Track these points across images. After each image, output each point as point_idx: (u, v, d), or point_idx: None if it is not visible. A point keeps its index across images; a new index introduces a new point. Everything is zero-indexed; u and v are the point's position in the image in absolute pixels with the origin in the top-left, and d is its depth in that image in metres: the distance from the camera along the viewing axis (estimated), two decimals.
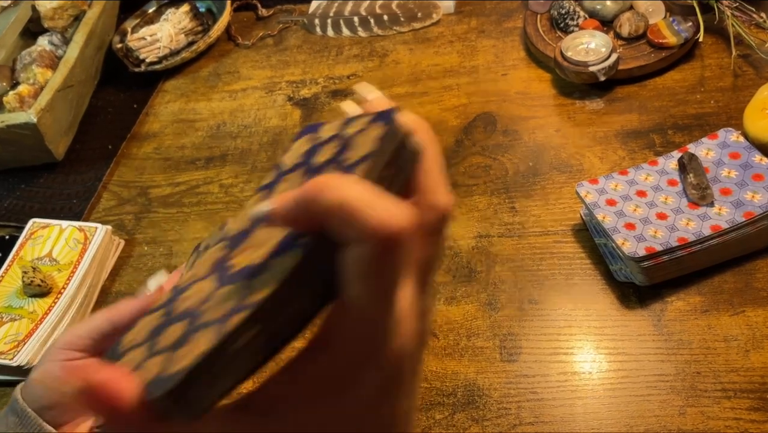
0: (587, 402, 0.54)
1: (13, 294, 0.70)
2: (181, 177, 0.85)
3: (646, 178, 0.64)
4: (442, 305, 0.64)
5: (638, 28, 0.80)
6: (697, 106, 0.75)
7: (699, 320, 0.57)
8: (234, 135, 0.89)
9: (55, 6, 1.02)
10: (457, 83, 0.87)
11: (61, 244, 0.74)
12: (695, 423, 0.51)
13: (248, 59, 1.01)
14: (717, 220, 0.58)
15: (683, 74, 0.79)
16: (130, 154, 0.90)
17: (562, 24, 0.86)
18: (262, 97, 0.94)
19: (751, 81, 0.76)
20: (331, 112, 0.88)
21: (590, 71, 0.77)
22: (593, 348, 0.58)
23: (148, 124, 0.94)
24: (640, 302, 0.60)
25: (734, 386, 0.53)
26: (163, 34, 1.01)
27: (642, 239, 0.58)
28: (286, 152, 0.30)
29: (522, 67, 0.86)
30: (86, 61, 0.97)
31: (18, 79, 0.96)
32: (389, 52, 0.95)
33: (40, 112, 0.85)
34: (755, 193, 0.59)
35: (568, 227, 0.67)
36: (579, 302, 0.61)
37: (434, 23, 0.97)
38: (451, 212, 0.27)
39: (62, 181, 0.88)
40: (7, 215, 0.85)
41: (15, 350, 0.64)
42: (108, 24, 1.05)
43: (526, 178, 0.73)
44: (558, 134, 0.76)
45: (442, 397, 0.57)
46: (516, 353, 0.59)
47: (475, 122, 0.81)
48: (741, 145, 0.63)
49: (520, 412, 0.55)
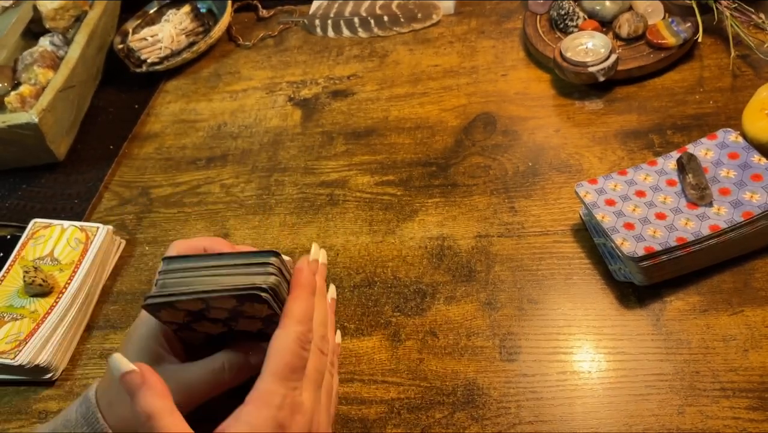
0: (586, 401, 0.55)
1: (14, 294, 0.70)
2: (182, 177, 0.85)
3: (645, 179, 0.64)
4: (442, 304, 0.64)
5: (637, 29, 0.81)
6: (696, 107, 0.75)
7: (698, 319, 0.57)
8: (235, 135, 0.89)
9: (56, 6, 1.02)
10: (456, 84, 0.87)
11: (63, 244, 0.74)
12: (694, 422, 0.52)
13: (249, 60, 1.01)
14: (716, 220, 0.58)
15: (682, 75, 0.79)
16: (131, 155, 0.91)
17: (561, 25, 0.86)
18: (262, 97, 0.94)
19: (749, 81, 0.76)
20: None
21: (589, 72, 0.77)
22: (592, 348, 0.58)
23: (150, 125, 0.95)
24: (639, 302, 0.60)
25: (733, 386, 0.53)
26: (165, 35, 1.01)
27: (641, 239, 0.58)
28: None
29: (521, 68, 0.87)
30: (87, 61, 0.97)
31: (19, 79, 0.96)
32: (389, 52, 0.95)
33: (41, 113, 0.85)
34: (754, 194, 0.59)
35: (568, 226, 0.67)
36: (578, 301, 0.61)
37: (434, 24, 0.98)
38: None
39: (63, 182, 0.89)
40: (9, 215, 0.86)
41: (16, 350, 0.65)
42: (109, 25, 1.06)
43: (526, 178, 0.73)
44: (557, 135, 0.77)
45: (442, 396, 0.57)
46: (515, 352, 0.59)
47: (475, 122, 0.81)
48: (740, 146, 0.63)
49: (520, 411, 0.55)
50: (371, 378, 0.60)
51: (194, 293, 0.46)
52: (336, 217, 0.75)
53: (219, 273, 0.47)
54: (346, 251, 0.71)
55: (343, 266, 0.70)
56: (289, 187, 0.80)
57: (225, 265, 0.47)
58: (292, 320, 0.45)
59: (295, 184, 0.80)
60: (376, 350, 0.62)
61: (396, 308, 0.65)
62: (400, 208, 0.74)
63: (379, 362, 0.61)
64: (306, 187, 0.79)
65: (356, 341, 0.63)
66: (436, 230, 0.70)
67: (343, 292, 0.67)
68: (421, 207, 0.73)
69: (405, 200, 0.74)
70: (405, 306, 0.65)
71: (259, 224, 0.77)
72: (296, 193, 0.79)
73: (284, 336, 0.44)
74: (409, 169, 0.78)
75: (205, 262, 0.48)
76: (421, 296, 0.65)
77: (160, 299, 0.46)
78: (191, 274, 0.47)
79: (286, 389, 0.42)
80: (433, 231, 0.70)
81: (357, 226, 0.73)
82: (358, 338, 0.63)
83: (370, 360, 0.61)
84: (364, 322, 0.64)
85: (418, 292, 0.65)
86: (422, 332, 0.62)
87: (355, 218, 0.74)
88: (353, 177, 0.79)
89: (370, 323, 0.64)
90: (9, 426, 0.64)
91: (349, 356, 0.62)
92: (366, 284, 0.67)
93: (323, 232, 0.74)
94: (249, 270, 0.47)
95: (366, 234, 0.72)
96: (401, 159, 0.79)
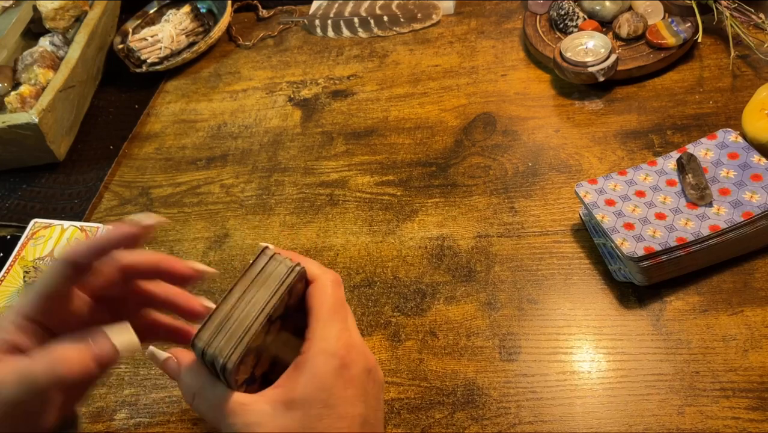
0: (586, 401, 0.55)
1: (14, 294, 0.70)
2: (182, 177, 0.85)
3: (645, 179, 0.64)
4: (442, 304, 0.64)
5: (637, 29, 0.81)
6: (696, 107, 0.75)
7: (698, 319, 0.58)
8: (235, 135, 0.89)
9: (56, 7, 1.02)
10: (456, 84, 0.87)
11: (63, 244, 0.74)
12: (694, 422, 0.52)
13: (249, 60, 1.01)
14: (715, 220, 0.58)
15: (682, 75, 0.79)
16: (131, 155, 0.91)
17: (561, 25, 0.86)
18: (262, 97, 0.94)
19: (749, 81, 0.76)
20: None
21: (589, 72, 0.77)
22: (592, 348, 0.58)
23: (150, 125, 0.95)
24: (639, 302, 0.60)
25: (733, 386, 0.53)
26: (165, 35, 1.01)
27: (641, 239, 0.58)
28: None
29: (521, 68, 0.87)
30: (87, 61, 0.97)
31: (19, 79, 0.96)
32: (389, 52, 0.95)
33: (41, 113, 0.85)
34: (754, 194, 0.59)
35: (567, 227, 0.67)
36: (578, 301, 0.61)
37: (434, 24, 0.98)
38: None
39: (64, 182, 0.89)
40: (9, 215, 0.86)
41: None
42: (109, 25, 1.06)
43: (526, 178, 0.73)
44: (557, 135, 0.77)
45: (442, 396, 0.57)
46: (515, 352, 0.59)
47: (475, 123, 0.81)
48: (739, 146, 0.63)
49: (520, 411, 0.55)
50: None
51: (255, 317, 0.40)
52: (336, 217, 0.75)
53: (248, 299, 0.41)
54: (346, 251, 0.71)
55: (343, 266, 0.70)
56: (289, 188, 0.80)
57: (241, 292, 0.41)
58: (322, 268, 0.45)
59: (295, 185, 0.80)
60: (376, 350, 0.62)
61: (396, 308, 0.65)
62: (400, 208, 0.74)
63: (378, 362, 0.61)
64: (306, 188, 0.79)
65: None
66: (436, 230, 0.71)
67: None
68: (421, 207, 0.73)
69: (405, 200, 0.74)
70: (405, 306, 0.65)
71: (259, 224, 0.77)
72: (296, 193, 0.79)
73: (323, 279, 0.44)
74: (409, 170, 0.78)
75: (225, 306, 0.41)
76: (421, 296, 0.65)
77: (237, 351, 0.39)
78: (228, 325, 0.40)
79: (339, 330, 0.42)
80: (433, 231, 0.70)
81: (357, 226, 0.73)
82: None
83: None
84: (364, 322, 0.64)
85: (418, 292, 0.65)
86: (422, 332, 0.62)
87: (355, 218, 0.74)
88: (353, 177, 0.79)
89: (370, 323, 0.64)
90: None
91: None
92: (366, 284, 0.67)
93: (323, 232, 0.74)
94: (262, 274, 0.42)
95: (366, 234, 0.72)
96: (401, 159, 0.79)
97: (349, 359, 0.41)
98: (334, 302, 0.43)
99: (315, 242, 0.73)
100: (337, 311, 0.43)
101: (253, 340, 0.39)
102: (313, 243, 0.73)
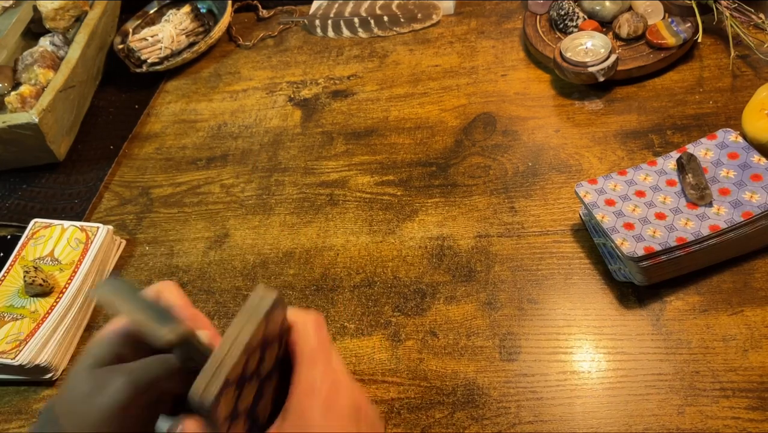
0: (586, 401, 0.55)
1: (14, 294, 0.70)
2: (182, 177, 0.85)
3: (645, 179, 0.64)
4: (442, 304, 0.64)
5: (637, 29, 0.81)
6: (696, 107, 0.75)
7: (698, 319, 0.58)
8: (235, 135, 0.89)
9: (56, 7, 1.02)
10: (456, 84, 0.87)
11: (63, 244, 0.74)
12: (694, 422, 0.52)
13: (249, 60, 1.01)
14: (715, 220, 0.58)
15: (682, 75, 0.79)
16: (131, 155, 0.91)
17: (561, 25, 0.86)
18: (262, 97, 0.94)
19: (749, 81, 0.76)
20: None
21: (589, 72, 0.77)
22: (592, 348, 0.58)
23: (150, 125, 0.95)
24: (639, 302, 0.60)
25: (733, 386, 0.53)
26: (165, 35, 1.01)
27: (641, 239, 0.58)
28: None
29: (521, 68, 0.87)
30: (88, 61, 0.97)
31: (20, 79, 0.96)
32: (389, 53, 0.95)
33: (41, 113, 0.85)
34: (753, 194, 0.59)
35: (567, 226, 0.67)
36: (578, 301, 0.61)
37: (434, 24, 0.98)
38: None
39: (64, 182, 0.89)
40: (9, 215, 0.86)
41: (17, 350, 0.65)
42: (109, 25, 1.06)
43: (526, 178, 0.73)
44: (557, 135, 0.77)
45: (442, 396, 0.57)
46: (515, 352, 0.59)
47: (475, 123, 0.81)
48: (739, 146, 0.63)
49: (520, 411, 0.55)
50: (371, 378, 0.60)
51: (229, 348, 0.35)
52: (336, 217, 0.75)
53: (225, 335, 0.37)
54: (346, 251, 0.71)
55: (343, 265, 0.70)
56: (289, 188, 0.80)
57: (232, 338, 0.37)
58: (303, 311, 0.45)
59: (295, 185, 0.80)
60: (376, 350, 0.62)
61: (396, 308, 0.65)
62: (400, 208, 0.74)
63: (379, 362, 0.61)
64: (306, 188, 0.79)
65: (356, 341, 0.63)
66: (436, 230, 0.71)
67: (343, 292, 0.67)
68: (421, 207, 0.73)
69: (405, 200, 0.75)
70: (405, 306, 0.65)
71: (259, 224, 0.77)
72: (296, 193, 0.79)
73: (303, 323, 0.44)
74: (409, 170, 0.78)
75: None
76: (421, 295, 0.65)
77: (215, 383, 0.34)
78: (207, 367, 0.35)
79: (323, 371, 0.42)
80: (433, 231, 0.70)
81: (357, 226, 0.73)
82: (358, 338, 0.63)
83: (370, 360, 0.61)
84: (364, 322, 0.64)
85: (418, 292, 0.65)
86: (422, 332, 0.62)
87: (355, 218, 0.74)
88: (353, 177, 0.79)
89: (370, 323, 0.64)
90: (9, 426, 0.64)
91: (349, 356, 0.62)
92: (366, 284, 0.67)
93: (323, 232, 0.74)
94: (240, 310, 0.38)
95: (366, 234, 0.72)
96: (401, 159, 0.79)
97: (334, 397, 0.41)
98: (316, 344, 0.43)
99: (315, 241, 0.73)
100: (321, 351, 0.43)
101: (230, 372, 0.35)
102: (313, 243, 0.73)
